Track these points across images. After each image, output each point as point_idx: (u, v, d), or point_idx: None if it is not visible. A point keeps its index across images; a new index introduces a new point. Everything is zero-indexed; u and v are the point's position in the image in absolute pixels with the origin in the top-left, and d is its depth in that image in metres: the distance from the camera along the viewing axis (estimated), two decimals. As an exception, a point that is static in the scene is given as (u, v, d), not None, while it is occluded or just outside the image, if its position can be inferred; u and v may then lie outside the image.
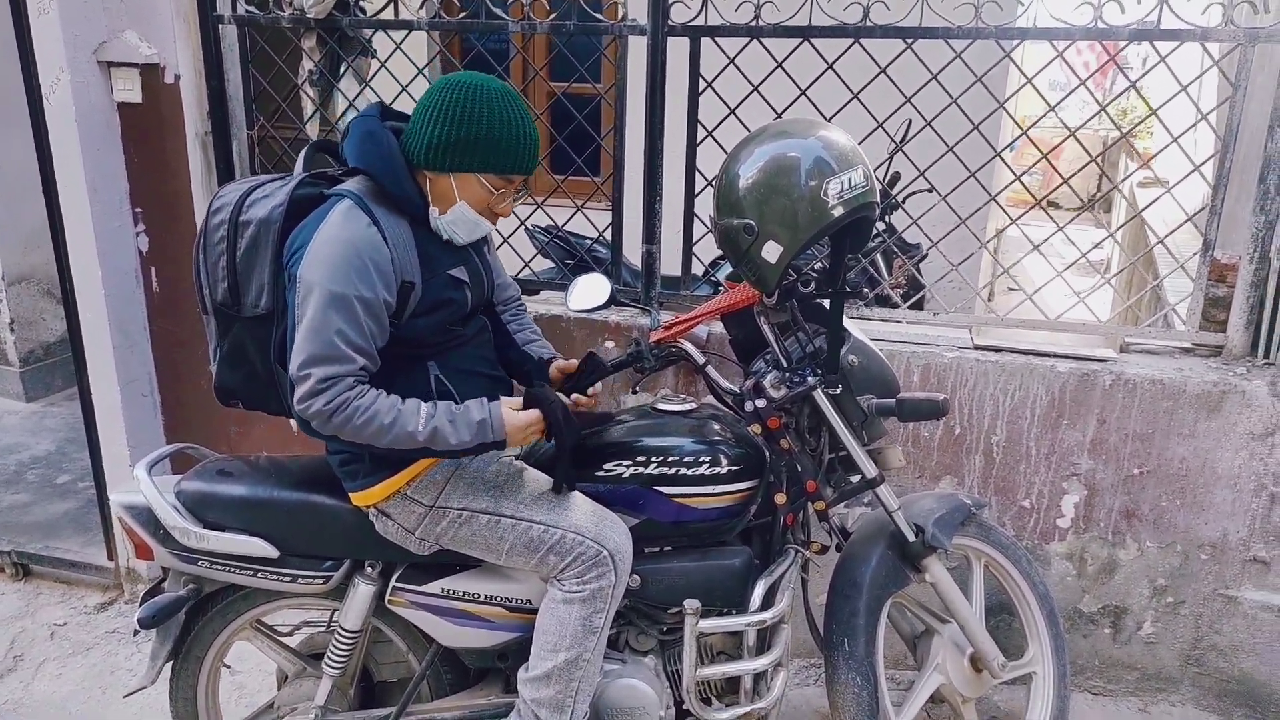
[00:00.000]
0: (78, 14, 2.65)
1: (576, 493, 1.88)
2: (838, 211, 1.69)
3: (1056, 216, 2.48)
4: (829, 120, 2.39)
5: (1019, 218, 2.58)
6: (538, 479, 1.89)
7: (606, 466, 1.94)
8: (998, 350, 2.45)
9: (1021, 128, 2.63)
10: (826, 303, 1.91)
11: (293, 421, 1.73)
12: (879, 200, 1.76)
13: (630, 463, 1.94)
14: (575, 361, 2.02)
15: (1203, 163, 2.34)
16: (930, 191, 2.67)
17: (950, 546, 2.08)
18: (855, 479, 2.05)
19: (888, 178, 3.70)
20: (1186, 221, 2.41)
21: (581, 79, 2.67)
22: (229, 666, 2.22)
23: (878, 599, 2.06)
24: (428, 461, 1.81)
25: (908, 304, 2.54)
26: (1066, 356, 2.39)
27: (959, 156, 2.41)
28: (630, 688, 1.98)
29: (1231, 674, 2.47)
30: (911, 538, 2.06)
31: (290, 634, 2.22)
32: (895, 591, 2.10)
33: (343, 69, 2.78)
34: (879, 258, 3.72)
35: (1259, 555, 2.38)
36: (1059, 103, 2.53)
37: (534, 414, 1.78)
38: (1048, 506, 2.48)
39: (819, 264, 3.57)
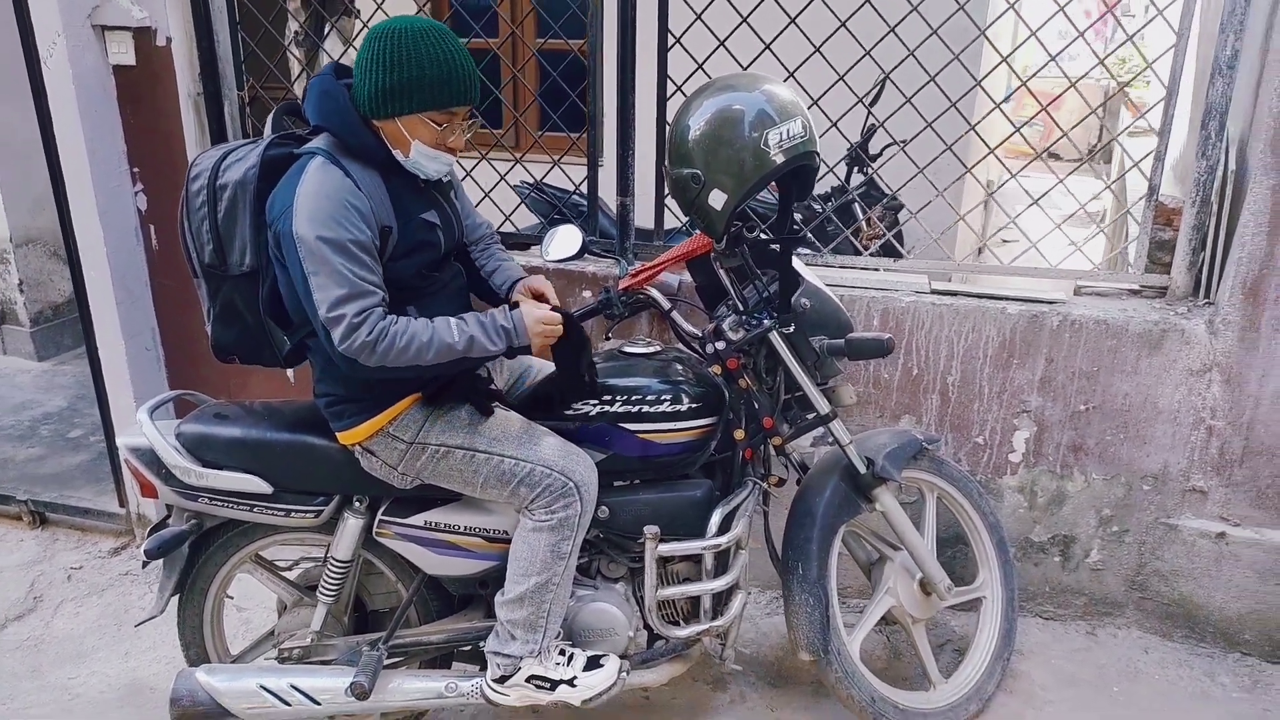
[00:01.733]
0: (71, -22, 2.76)
1: (545, 429, 2.01)
2: (778, 160, 1.80)
3: (1057, 168, 2.54)
4: (793, 74, 2.51)
5: (1019, 171, 2.62)
6: (509, 417, 2.02)
7: (575, 405, 2.08)
8: (953, 294, 2.57)
9: (1021, 78, 2.67)
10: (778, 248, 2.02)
11: (290, 371, 1.86)
12: (817, 149, 1.87)
13: (596, 401, 2.07)
14: (542, 279, 2.11)
15: (1148, 110, 2.43)
16: (893, 144, 2.76)
17: (899, 478, 2.22)
18: (810, 416, 2.19)
19: (864, 130, 3.78)
20: (1132, 168, 2.50)
21: (558, 36, 2.76)
22: (232, 597, 2.38)
23: (830, 527, 2.21)
24: (408, 401, 1.95)
25: (868, 252, 2.66)
26: (1016, 299, 2.51)
27: (938, 110, 2.48)
28: (601, 611, 2.15)
29: (1172, 598, 2.62)
30: (863, 470, 2.21)
31: (290, 568, 2.38)
32: (848, 520, 2.25)
33: (327, 29, 2.87)
34: (857, 208, 3.82)
35: (1197, 485, 2.51)
36: (1059, 53, 2.55)
37: (548, 310, 1.91)
38: (1000, 442, 2.62)
39: (798, 215, 3.69)
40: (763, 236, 1.97)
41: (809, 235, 2.63)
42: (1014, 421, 2.59)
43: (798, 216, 3.65)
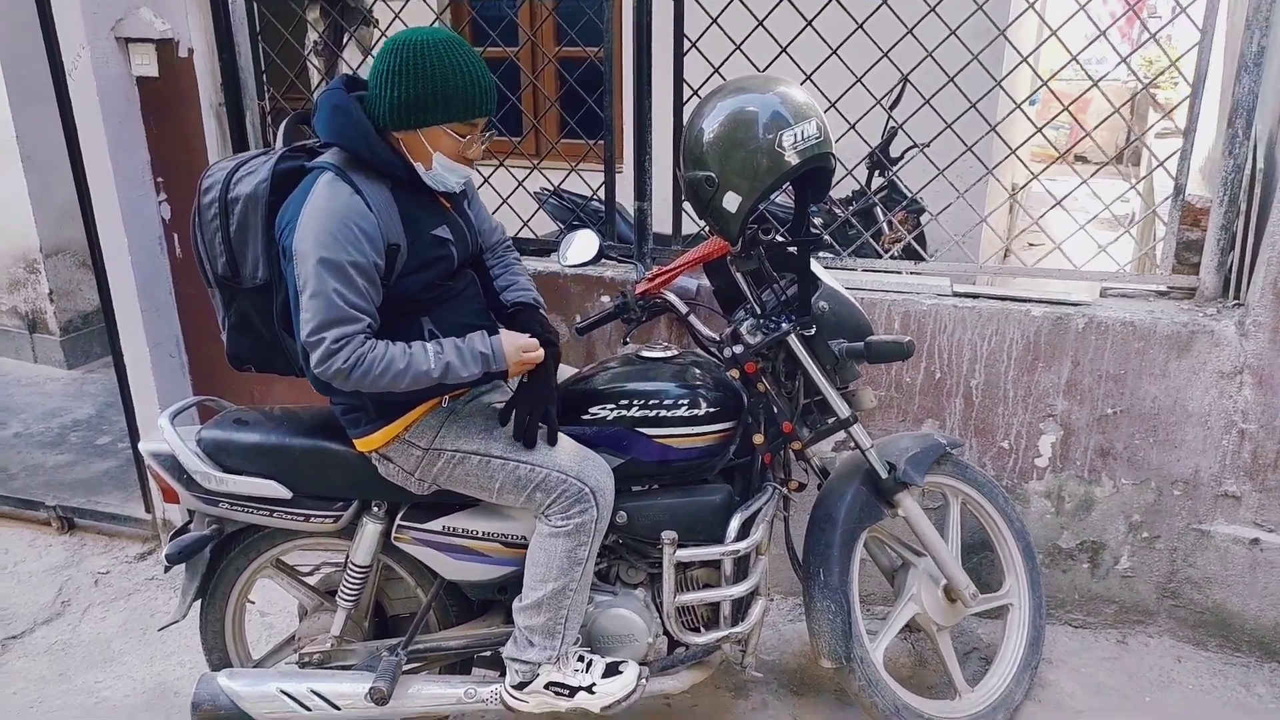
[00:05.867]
0: (95, -8, 2.80)
1: (561, 434, 2.00)
2: (792, 161, 1.78)
3: (1083, 171, 2.51)
4: (810, 77, 2.50)
5: (1041, 172, 2.59)
6: (526, 421, 2.01)
7: (592, 410, 2.07)
8: (975, 297, 2.53)
9: (1041, 78, 2.62)
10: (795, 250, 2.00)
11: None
12: (833, 150, 1.85)
13: (614, 406, 2.06)
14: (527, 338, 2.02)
15: (1172, 109, 2.39)
16: (912, 148, 2.73)
17: (921, 482, 2.19)
18: (830, 420, 2.16)
19: (885, 133, 3.76)
20: (1157, 167, 2.46)
21: (573, 43, 2.77)
22: (253, 602, 2.40)
23: (852, 532, 2.19)
24: (424, 408, 1.95)
25: (888, 255, 2.63)
26: (1040, 301, 2.47)
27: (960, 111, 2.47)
28: (620, 617, 2.13)
29: (1205, 605, 2.57)
30: (884, 474, 2.18)
31: (310, 573, 2.39)
32: (869, 525, 2.22)
33: (345, 39, 2.89)
34: (879, 211, 3.79)
35: (1230, 490, 2.46)
36: (1080, 52, 2.48)
37: (525, 340, 1.90)
38: (1026, 446, 2.57)
39: (819, 219, 3.67)
40: (779, 239, 1.95)
41: (826, 238, 2.60)
42: (1039, 426, 2.55)
43: (818, 220, 3.65)
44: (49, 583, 3.20)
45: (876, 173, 3.98)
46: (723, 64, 2.55)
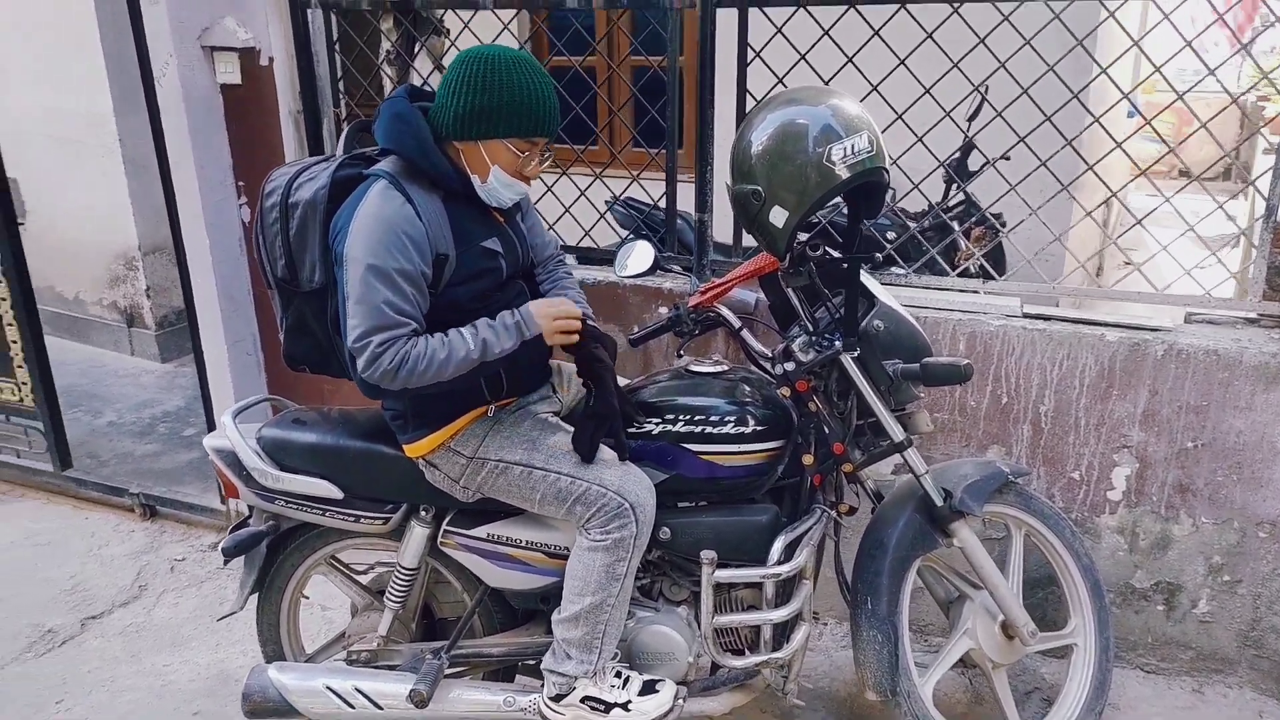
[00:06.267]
0: (183, 2, 2.91)
1: (603, 448, 1.99)
2: (842, 176, 1.73)
3: (1189, 187, 2.38)
4: (876, 88, 2.43)
5: (1120, 189, 2.47)
6: (569, 434, 2.01)
7: (636, 423, 2.05)
8: (1046, 319, 2.42)
9: (1122, 90, 2.48)
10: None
11: None
12: (886, 165, 1.79)
13: (660, 420, 2.04)
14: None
15: (1267, 121, 2.24)
16: (987, 162, 2.64)
17: (979, 512, 2.10)
18: (884, 443, 2.09)
19: (961, 147, 3.64)
20: (1246, 186, 2.31)
21: (638, 53, 2.76)
22: (308, 597, 2.45)
23: (903, 560, 2.11)
24: (469, 416, 1.96)
25: (955, 271, 2.53)
26: (1116, 325, 2.35)
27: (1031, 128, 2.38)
28: (661, 634, 2.10)
29: (1292, 656, 2.41)
30: (939, 502, 2.10)
31: (365, 572, 2.43)
32: (922, 554, 2.14)
33: (417, 48, 2.94)
34: (955, 227, 3.67)
35: (1322, 534, 2.30)
36: (1164, 63, 2.37)
37: (559, 302, 1.91)
38: (1098, 478, 2.45)
39: (892, 233, 3.57)
40: (827, 255, 1.90)
41: (878, 255, 2.52)
42: (1113, 457, 2.42)
43: (891, 234, 3.55)
44: (129, 567, 3.35)
45: (953, 186, 3.86)
46: (786, 74, 2.50)
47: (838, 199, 1.94)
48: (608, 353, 1.96)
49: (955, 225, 3.57)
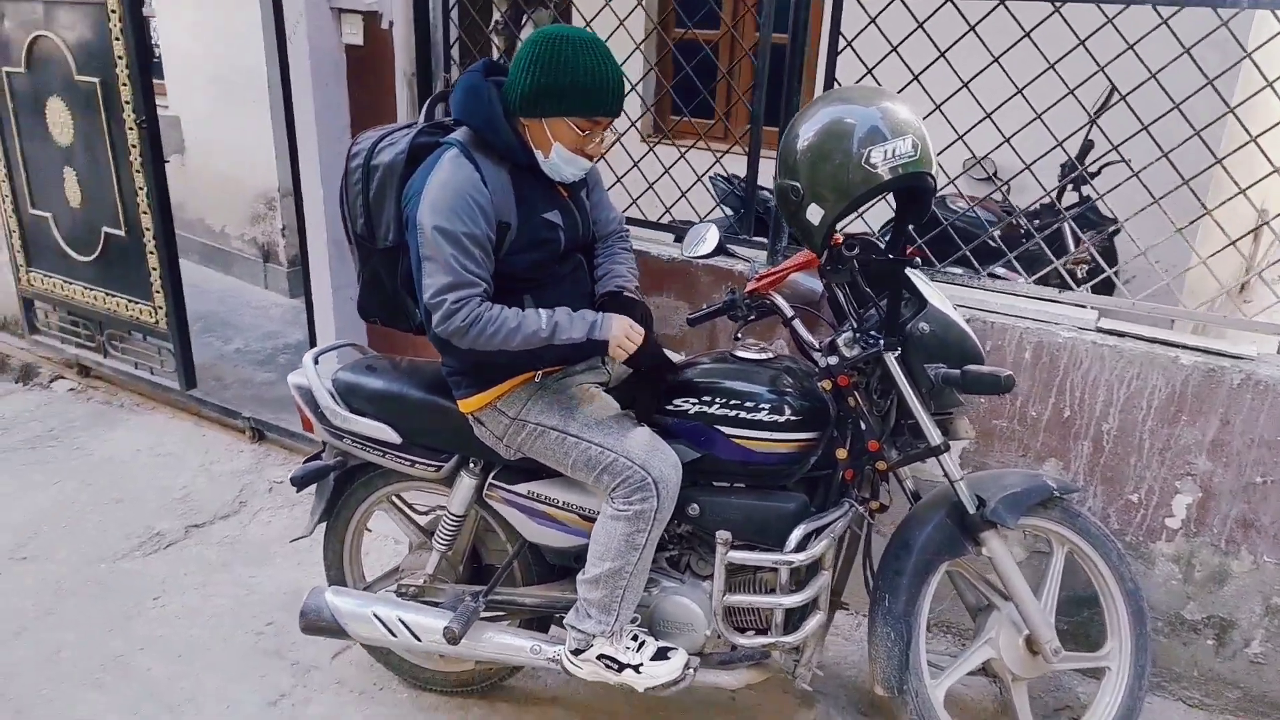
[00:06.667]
0: (318, -35, 3.12)
1: (636, 422, 2.07)
2: (879, 179, 1.73)
3: None
4: (967, 85, 2.38)
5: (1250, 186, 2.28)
6: (607, 405, 2.10)
7: (675, 402, 2.12)
8: (1120, 335, 2.34)
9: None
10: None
11: None
12: (931, 170, 1.77)
13: (696, 401, 2.10)
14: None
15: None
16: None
17: (1011, 524, 2.07)
18: (922, 445, 2.09)
19: (1081, 147, 3.48)
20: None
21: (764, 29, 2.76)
22: (370, 530, 2.65)
23: (926, 563, 2.11)
24: (517, 380, 2.07)
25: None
26: (1193, 349, 2.25)
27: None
28: (682, 605, 2.18)
29: (1350, 712, 2.28)
30: (972, 510, 2.08)
31: (426, 514, 2.60)
32: (948, 559, 2.14)
33: (524, 19, 3.05)
34: (1066, 230, 3.53)
35: (1394, 590, 2.15)
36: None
37: (628, 321, 1.99)
38: (1157, 504, 2.36)
39: (996, 230, 3.46)
40: (860, 256, 1.90)
41: (917, 260, 2.46)
42: (1176, 484, 2.33)
43: (997, 232, 3.44)
44: (233, 484, 3.66)
45: (1070, 188, 3.71)
46: (876, 65, 2.48)
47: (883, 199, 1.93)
48: (646, 322, 2.04)
49: (1068, 226, 3.45)
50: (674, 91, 3.00)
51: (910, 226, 1.95)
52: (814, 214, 1.78)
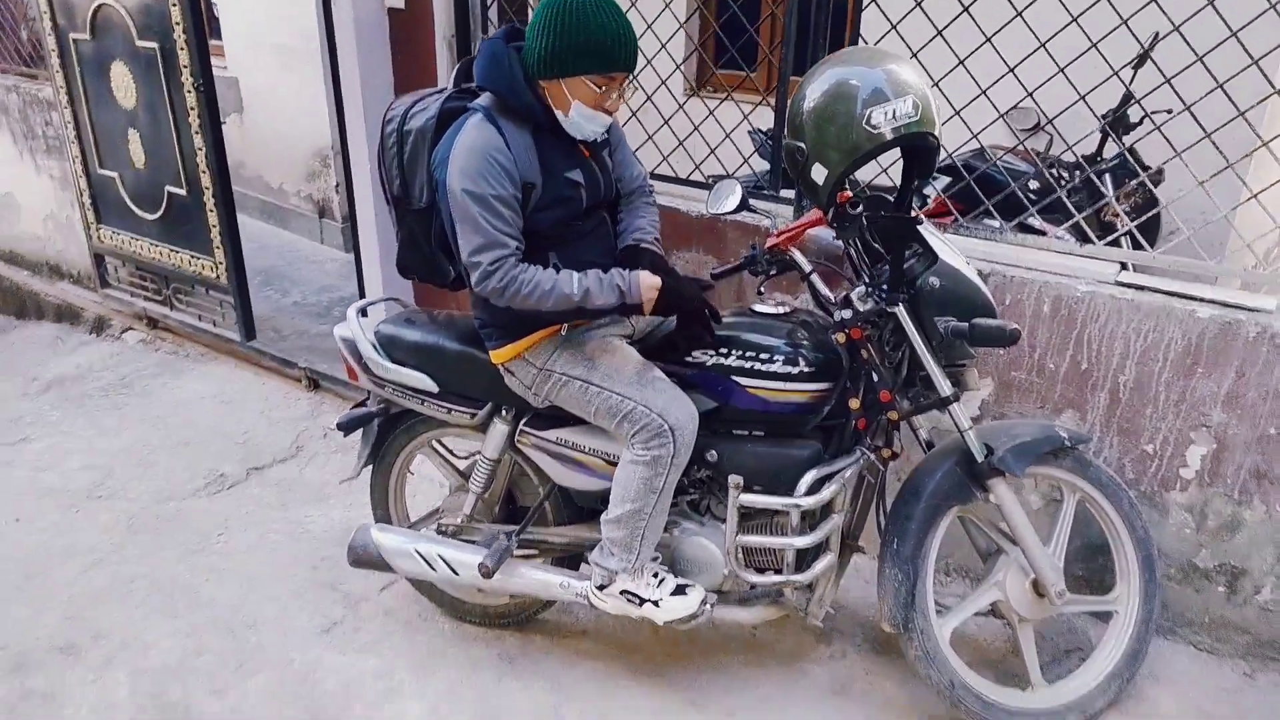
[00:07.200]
0: (359, -72, 3.21)
1: (659, 373, 2.17)
2: (880, 139, 1.78)
3: None
4: (990, 39, 2.40)
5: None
6: (629, 356, 2.20)
7: (694, 353, 2.22)
8: (1139, 288, 2.36)
9: None
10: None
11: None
12: (934, 130, 1.82)
13: (714, 353, 2.20)
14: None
15: None
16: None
17: (1018, 472, 2.14)
18: (932, 396, 2.17)
19: (1121, 97, 3.43)
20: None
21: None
22: (413, 473, 2.82)
23: (935, 509, 2.20)
24: (544, 332, 2.19)
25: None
26: (1210, 301, 2.27)
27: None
28: (701, 546, 2.31)
29: (1359, 659, 2.31)
30: (980, 458, 2.16)
31: (466, 458, 2.76)
32: (957, 505, 2.22)
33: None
34: (1106, 179, 3.51)
35: (1405, 540, 2.17)
36: None
37: (651, 278, 2.08)
38: (1172, 454, 2.40)
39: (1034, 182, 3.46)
40: (866, 214, 1.96)
41: (921, 216, 2.48)
42: (1190, 435, 2.36)
43: (1033, 184, 3.44)
44: (290, 430, 3.87)
45: (1110, 138, 3.66)
46: (901, 20, 2.51)
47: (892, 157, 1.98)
48: (658, 269, 2.13)
49: (1107, 180, 3.43)
50: (716, 41, 3.04)
51: (916, 183, 2.00)
52: (818, 173, 1.85)
